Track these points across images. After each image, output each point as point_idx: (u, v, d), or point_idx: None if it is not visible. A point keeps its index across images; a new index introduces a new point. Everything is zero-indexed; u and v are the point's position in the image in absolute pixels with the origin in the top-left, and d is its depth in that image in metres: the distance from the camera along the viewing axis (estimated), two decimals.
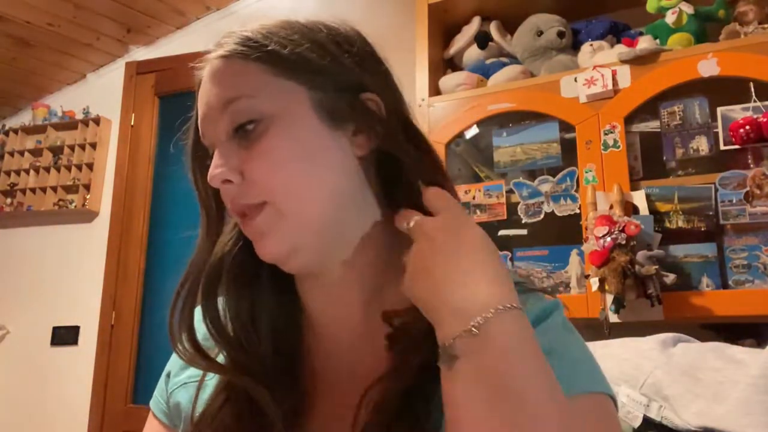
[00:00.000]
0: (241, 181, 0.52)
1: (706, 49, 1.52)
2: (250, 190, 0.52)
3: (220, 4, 2.78)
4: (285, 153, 0.52)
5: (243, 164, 0.52)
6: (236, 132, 0.53)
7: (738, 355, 0.96)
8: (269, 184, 0.52)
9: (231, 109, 0.53)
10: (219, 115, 0.54)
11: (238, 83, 0.53)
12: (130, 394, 2.58)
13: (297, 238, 0.53)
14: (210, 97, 0.55)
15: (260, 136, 0.52)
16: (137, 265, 2.69)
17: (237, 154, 0.53)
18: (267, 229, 0.52)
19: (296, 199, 0.52)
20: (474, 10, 1.97)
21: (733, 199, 1.42)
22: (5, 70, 2.97)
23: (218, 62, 0.56)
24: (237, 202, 0.53)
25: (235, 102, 0.53)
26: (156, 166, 2.80)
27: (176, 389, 0.63)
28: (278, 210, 0.52)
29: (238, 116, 0.53)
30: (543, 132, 1.70)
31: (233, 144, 0.53)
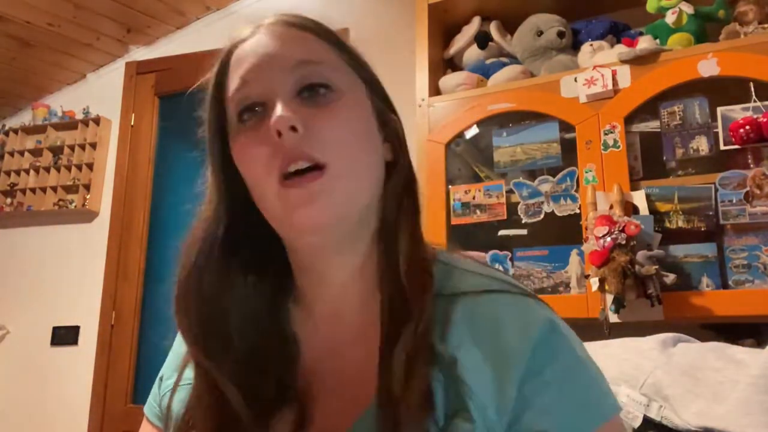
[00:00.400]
0: (305, 133, 0.51)
1: (706, 49, 1.52)
2: (316, 145, 0.51)
3: (220, 4, 2.78)
4: (353, 123, 0.54)
5: (310, 120, 0.52)
6: (302, 92, 0.53)
7: (738, 355, 0.96)
8: (336, 143, 0.52)
9: (306, 70, 0.53)
10: (285, 71, 0.53)
11: (314, 50, 0.55)
12: (130, 394, 2.58)
13: (345, 208, 0.53)
14: (276, 50, 0.54)
15: (332, 101, 0.53)
16: (137, 265, 2.69)
17: (303, 110, 0.52)
18: (321, 194, 0.51)
19: (354, 168, 0.53)
20: (474, 10, 1.97)
21: (733, 199, 1.42)
22: (5, 70, 2.97)
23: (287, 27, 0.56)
24: (297, 150, 0.51)
25: (311, 65, 0.54)
26: (156, 166, 2.80)
27: (167, 393, 0.62)
28: (337, 175, 0.52)
29: (313, 78, 0.53)
30: (543, 132, 1.70)
31: (296, 102, 0.53)
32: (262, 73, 0.54)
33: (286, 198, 0.52)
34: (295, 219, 0.52)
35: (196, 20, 2.88)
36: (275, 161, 0.52)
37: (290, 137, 0.51)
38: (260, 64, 0.54)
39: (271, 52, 0.54)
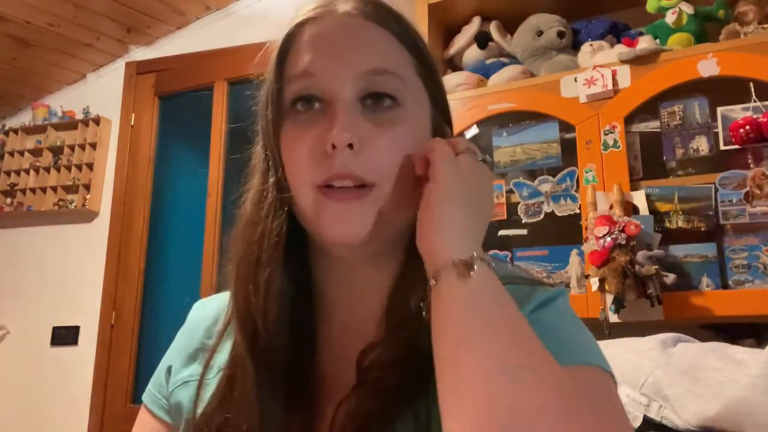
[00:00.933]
0: (359, 151, 0.50)
1: (706, 49, 1.52)
2: (368, 165, 0.50)
3: (220, 4, 2.78)
4: (408, 143, 0.52)
5: (368, 138, 0.50)
6: (367, 99, 0.52)
7: (738, 355, 0.96)
8: (387, 165, 0.51)
9: (375, 79, 0.51)
10: (354, 76, 0.51)
11: (389, 57, 0.53)
12: (130, 394, 2.58)
13: (379, 229, 0.51)
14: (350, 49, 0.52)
15: (395, 119, 0.52)
16: (137, 265, 2.69)
17: (363, 123, 0.51)
18: (358, 214, 0.50)
19: (399, 190, 0.52)
20: (474, 10, 1.97)
21: (733, 199, 1.42)
22: (5, 70, 2.97)
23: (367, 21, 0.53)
24: (346, 170, 0.50)
25: (383, 75, 0.52)
26: (156, 166, 2.80)
27: (177, 387, 0.61)
28: (380, 197, 0.51)
29: (381, 87, 0.52)
30: (543, 132, 1.70)
31: (358, 109, 0.51)
32: (330, 69, 0.51)
33: (323, 209, 0.51)
34: (327, 231, 0.51)
35: (196, 20, 2.88)
36: (321, 169, 0.50)
37: (344, 154, 0.49)
38: (330, 59, 0.52)
39: (344, 50, 0.52)
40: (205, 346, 0.61)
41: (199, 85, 2.68)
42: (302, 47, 0.53)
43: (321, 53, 0.52)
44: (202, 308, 0.68)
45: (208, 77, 2.64)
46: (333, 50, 0.52)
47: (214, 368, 0.58)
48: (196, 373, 0.60)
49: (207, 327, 0.63)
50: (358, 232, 0.50)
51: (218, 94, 2.62)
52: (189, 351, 0.63)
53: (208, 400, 0.56)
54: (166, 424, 0.63)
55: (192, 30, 2.89)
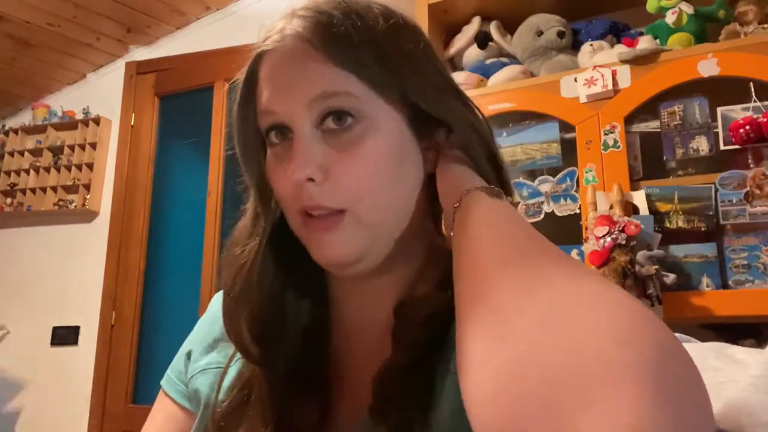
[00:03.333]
0: (323, 180, 0.50)
1: (706, 49, 1.52)
2: (335, 194, 0.50)
3: (220, 4, 2.78)
4: (380, 164, 0.51)
5: (331, 164, 0.50)
6: (326, 120, 0.50)
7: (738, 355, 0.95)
8: (358, 191, 0.50)
9: (328, 103, 0.50)
10: (306, 104, 0.50)
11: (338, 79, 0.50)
12: (130, 394, 2.58)
13: (367, 247, 0.52)
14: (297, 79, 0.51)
15: (356, 140, 0.50)
16: (137, 265, 2.69)
17: (321, 150, 0.50)
18: (339, 238, 0.51)
19: (378, 211, 0.51)
20: (474, 10, 1.97)
21: (733, 199, 1.41)
22: (5, 70, 2.97)
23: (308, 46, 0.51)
24: (314, 202, 0.50)
25: (334, 97, 0.50)
26: (156, 166, 2.80)
27: (197, 374, 0.62)
28: (357, 218, 0.51)
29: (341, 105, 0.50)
30: (543, 132, 1.70)
31: (316, 136, 0.51)
32: (284, 105, 0.51)
33: (307, 232, 0.52)
34: (316, 257, 0.52)
35: (196, 20, 2.88)
36: (296, 201, 0.51)
37: (309, 187, 0.50)
38: (282, 95, 0.52)
39: (293, 83, 0.51)
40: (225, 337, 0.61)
41: (199, 85, 2.68)
42: (262, 83, 0.53)
43: (275, 90, 0.52)
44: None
45: (208, 77, 2.64)
46: (283, 85, 0.52)
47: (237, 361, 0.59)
48: (214, 362, 0.61)
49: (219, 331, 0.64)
50: (344, 256, 0.51)
51: (218, 94, 2.62)
52: (209, 340, 0.64)
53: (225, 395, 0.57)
54: (184, 408, 0.63)
55: (192, 30, 2.90)
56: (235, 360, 0.59)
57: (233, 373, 0.58)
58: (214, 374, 0.59)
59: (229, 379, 0.58)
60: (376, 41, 0.52)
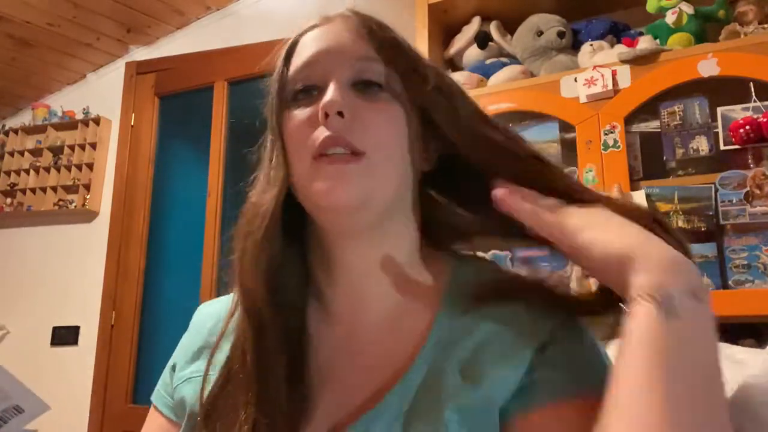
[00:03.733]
0: (350, 121, 0.53)
1: (706, 49, 1.52)
2: (359, 134, 0.53)
3: (220, 4, 2.78)
4: (398, 124, 0.56)
5: (358, 109, 0.54)
6: (358, 85, 0.55)
7: (738, 355, 0.95)
8: (377, 136, 0.54)
9: (367, 66, 0.56)
10: (347, 61, 0.56)
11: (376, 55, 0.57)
12: (130, 394, 2.58)
13: (369, 196, 0.53)
14: (343, 41, 0.57)
15: (383, 100, 0.55)
16: (137, 265, 2.69)
17: (354, 99, 0.54)
18: (350, 175, 0.52)
19: (388, 163, 0.55)
20: (474, 10, 1.97)
21: (733, 199, 1.42)
22: (5, 70, 2.97)
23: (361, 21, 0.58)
24: (338, 136, 0.52)
25: (375, 62, 0.56)
26: (156, 166, 2.80)
27: (181, 384, 0.62)
28: (372, 164, 0.53)
29: (373, 75, 0.56)
30: (543, 132, 1.70)
31: (350, 89, 0.55)
32: (326, 58, 0.56)
33: (316, 172, 0.53)
34: (321, 196, 0.53)
35: (196, 20, 2.88)
36: (315, 138, 0.53)
37: (335, 121, 0.52)
38: (326, 50, 0.56)
39: (337, 42, 0.57)
40: (209, 344, 0.62)
41: (199, 85, 2.68)
42: (304, 48, 0.58)
43: (318, 46, 0.57)
44: (204, 310, 0.70)
45: (208, 77, 2.64)
46: (330, 42, 0.57)
47: (216, 366, 0.59)
48: (198, 370, 0.61)
49: (210, 326, 0.64)
50: (352, 196, 0.52)
51: (218, 94, 2.62)
52: (193, 349, 0.64)
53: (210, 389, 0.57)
54: (171, 420, 0.64)
55: (192, 30, 2.90)
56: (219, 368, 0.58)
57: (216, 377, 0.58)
58: (198, 382, 0.59)
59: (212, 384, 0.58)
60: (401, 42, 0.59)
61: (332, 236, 0.58)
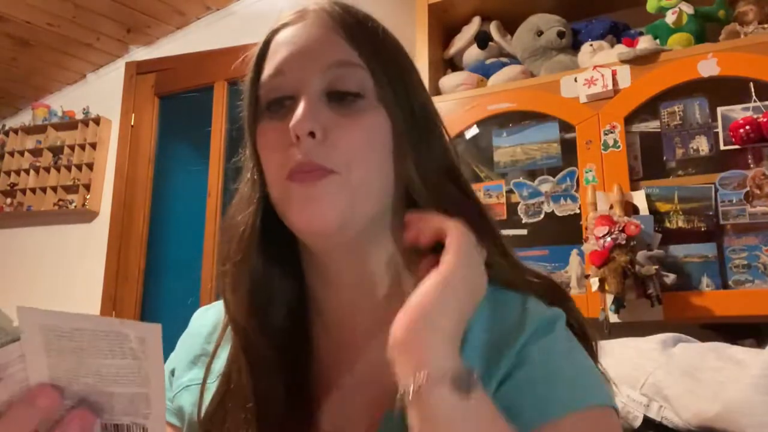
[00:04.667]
0: (322, 140, 0.51)
1: (706, 49, 1.52)
2: (331, 154, 0.51)
3: (220, 4, 2.78)
4: (375, 138, 0.53)
5: (331, 127, 0.51)
6: (332, 95, 0.52)
7: (738, 355, 0.96)
8: (351, 153, 0.51)
9: (342, 73, 0.53)
10: (318, 69, 0.52)
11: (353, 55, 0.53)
12: None
13: (348, 213, 0.51)
14: (313, 45, 0.53)
15: (360, 110, 0.52)
16: (137, 265, 2.69)
17: (326, 113, 0.52)
18: (322, 196, 0.50)
19: (364, 180, 0.52)
20: (474, 10, 1.97)
21: (733, 199, 1.41)
22: (5, 70, 2.97)
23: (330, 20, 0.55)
24: (308, 158, 0.50)
25: (351, 68, 0.53)
26: (156, 166, 2.80)
27: (180, 391, 0.62)
28: (344, 182, 0.51)
29: (349, 83, 0.52)
30: (543, 132, 1.70)
31: (323, 102, 0.52)
32: (296, 65, 0.53)
33: (291, 195, 0.52)
34: (297, 218, 0.52)
35: (196, 20, 2.88)
36: (287, 160, 0.51)
37: (307, 143, 0.50)
38: (295, 56, 0.53)
39: (309, 46, 0.53)
40: (206, 352, 0.62)
41: (199, 85, 2.68)
42: (275, 49, 0.55)
43: (288, 51, 0.54)
44: (202, 315, 0.69)
45: (208, 77, 2.64)
46: (300, 47, 0.54)
47: (213, 373, 0.58)
48: (196, 378, 0.60)
49: (207, 333, 0.64)
50: (329, 220, 0.51)
51: (218, 94, 2.62)
52: (190, 356, 0.64)
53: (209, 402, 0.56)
54: (171, 424, 0.64)
55: (192, 30, 2.90)
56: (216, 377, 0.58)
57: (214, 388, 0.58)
58: (196, 391, 0.59)
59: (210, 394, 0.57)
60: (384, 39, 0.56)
61: (317, 252, 0.57)
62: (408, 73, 0.57)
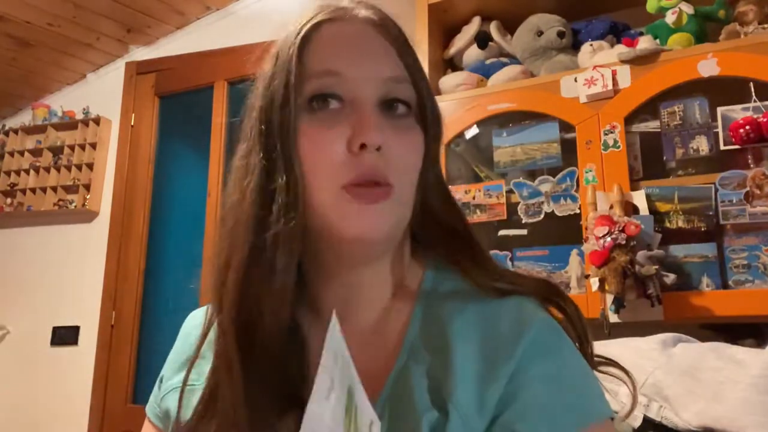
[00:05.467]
0: (382, 154, 0.52)
1: (706, 49, 1.52)
2: (390, 167, 0.52)
3: (220, 4, 2.78)
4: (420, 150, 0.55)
5: (390, 142, 0.52)
6: (384, 105, 0.53)
7: (738, 355, 0.96)
8: (404, 170, 0.53)
9: (397, 88, 0.54)
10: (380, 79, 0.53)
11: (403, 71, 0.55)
12: (130, 394, 2.58)
13: (395, 229, 0.54)
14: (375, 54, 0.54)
15: (408, 126, 0.54)
16: (137, 265, 2.69)
17: (385, 128, 0.52)
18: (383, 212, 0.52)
19: (409, 196, 0.55)
20: (474, 10, 1.97)
21: (733, 199, 1.41)
22: (5, 70, 2.97)
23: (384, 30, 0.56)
24: (376, 172, 0.51)
25: (405, 84, 0.54)
26: (156, 166, 2.80)
27: (167, 394, 0.62)
28: (398, 199, 0.53)
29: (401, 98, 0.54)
30: (543, 132, 1.70)
31: (379, 114, 0.53)
32: (356, 71, 0.52)
33: (348, 206, 0.51)
34: (351, 229, 0.51)
35: (196, 20, 2.88)
36: (347, 170, 0.51)
37: (373, 155, 0.51)
38: (355, 61, 0.53)
39: (368, 55, 0.54)
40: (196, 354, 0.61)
41: (199, 85, 2.68)
42: (323, 46, 0.54)
43: (345, 54, 0.53)
44: (193, 318, 0.69)
45: (208, 77, 2.64)
46: (357, 53, 0.54)
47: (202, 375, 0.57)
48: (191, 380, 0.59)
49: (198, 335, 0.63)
50: (380, 230, 0.52)
51: (218, 94, 2.62)
52: (181, 359, 0.64)
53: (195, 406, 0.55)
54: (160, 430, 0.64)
55: (192, 30, 2.89)
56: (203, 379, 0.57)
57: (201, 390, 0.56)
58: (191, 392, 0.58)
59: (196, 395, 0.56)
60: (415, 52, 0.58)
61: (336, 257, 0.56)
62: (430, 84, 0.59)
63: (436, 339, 0.53)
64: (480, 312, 0.53)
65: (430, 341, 0.53)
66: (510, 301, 0.54)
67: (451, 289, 0.57)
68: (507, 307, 0.53)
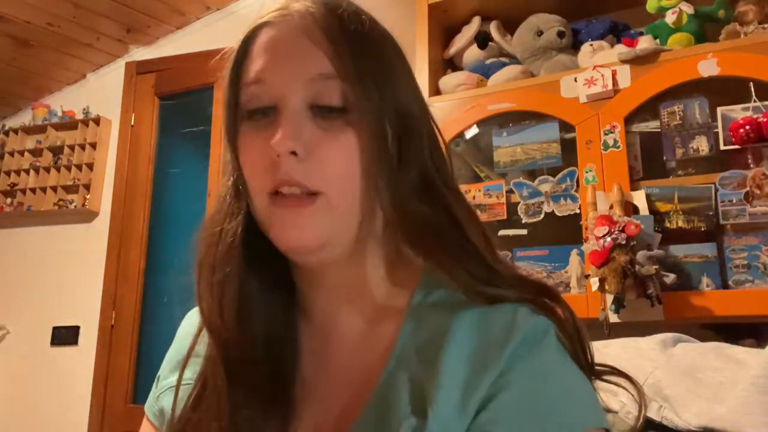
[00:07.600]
0: (305, 158, 0.49)
1: (706, 49, 1.52)
2: (313, 174, 0.49)
3: (220, 4, 2.78)
4: (359, 155, 0.51)
5: (315, 144, 0.50)
6: (315, 108, 0.50)
7: (738, 355, 0.95)
8: (335, 172, 0.50)
9: (325, 87, 0.50)
10: (301, 81, 0.50)
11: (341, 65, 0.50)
12: (130, 394, 2.58)
13: (330, 235, 0.51)
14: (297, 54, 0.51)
15: (343, 127, 0.50)
16: (137, 265, 2.69)
17: (310, 129, 0.50)
18: (306, 221, 0.50)
19: (349, 199, 0.51)
20: (474, 10, 1.97)
21: (733, 199, 1.41)
22: (5, 70, 2.97)
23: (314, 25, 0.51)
24: (291, 177, 0.49)
25: (333, 79, 0.50)
26: (156, 166, 2.80)
27: (163, 393, 0.62)
28: (328, 203, 0.50)
29: (332, 98, 0.50)
30: (543, 132, 1.70)
31: (307, 116, 0.50)
32: (277, 76, 0.51)
33: (273, 216, 0.51)
34: (278, 239, 0.51)
35: (196, 20, 2.88)
36: (269, 177, 0.50)
37: (288, 161, 0.49)
38: (277, 65, 0.51)
39: (291, 56, 0.51)
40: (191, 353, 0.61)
41: (199, 85, 2.68)
42: (256, 52, 0.53)
43: (271, 59, 0.51)
44: (190, 317, 0.69)
45: (208, 77, 2.64)
46: (282, 56, 0.51)
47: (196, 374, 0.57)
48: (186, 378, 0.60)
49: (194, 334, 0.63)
50: (308, 240, 0.50)
51: (218, 94, 2.62)
52: (177, 359, 0.63)
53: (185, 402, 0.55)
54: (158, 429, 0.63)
55: (192, 30, 2.90)
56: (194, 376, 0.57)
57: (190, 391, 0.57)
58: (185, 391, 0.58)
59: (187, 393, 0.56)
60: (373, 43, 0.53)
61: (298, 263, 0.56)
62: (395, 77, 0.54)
63: (426, 345, 0.51)
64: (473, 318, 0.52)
65: (420, 348, 0.52)
66: (504, 307, 0.52)
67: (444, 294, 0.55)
68: (501, 312, 0.52)
